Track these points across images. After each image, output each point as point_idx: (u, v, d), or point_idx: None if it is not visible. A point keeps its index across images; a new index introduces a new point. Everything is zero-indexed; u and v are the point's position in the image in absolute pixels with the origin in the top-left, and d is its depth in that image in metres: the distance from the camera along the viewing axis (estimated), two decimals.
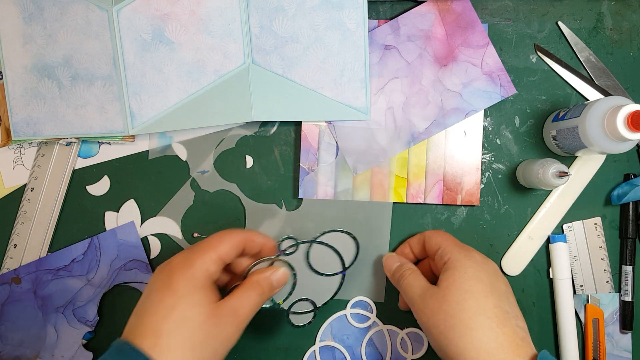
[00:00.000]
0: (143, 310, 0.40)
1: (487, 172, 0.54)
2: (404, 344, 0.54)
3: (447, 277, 0.44)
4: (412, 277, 0.47)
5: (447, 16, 0.53)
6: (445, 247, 0.47)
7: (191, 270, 0.40)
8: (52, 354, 0.53)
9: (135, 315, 0.40)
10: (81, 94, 0.52)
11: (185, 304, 0.38)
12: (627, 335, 0.54)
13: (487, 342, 0.41)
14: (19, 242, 0.54)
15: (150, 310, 0.39)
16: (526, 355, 0.40)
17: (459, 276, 0.44)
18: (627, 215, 0.54)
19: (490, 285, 0.44)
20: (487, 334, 0.41)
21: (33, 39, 0.51)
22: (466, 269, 0.44)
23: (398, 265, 0.49)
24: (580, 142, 0.47)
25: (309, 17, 0.51)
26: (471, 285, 0.43)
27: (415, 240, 0.51)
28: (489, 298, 0.43)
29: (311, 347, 0.54)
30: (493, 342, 0.41)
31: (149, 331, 0.38)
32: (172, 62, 0.51)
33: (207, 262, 0.41)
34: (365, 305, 0.54)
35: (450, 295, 0.43)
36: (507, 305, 0.43)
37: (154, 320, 0.38)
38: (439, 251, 0.47)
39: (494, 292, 0.43)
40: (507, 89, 0.53)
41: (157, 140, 0.55)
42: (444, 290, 0.44)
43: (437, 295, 0.44)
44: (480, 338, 0.41)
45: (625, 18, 0.54)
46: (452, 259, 0.45)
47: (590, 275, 0.54)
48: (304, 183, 0.53)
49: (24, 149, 0.54)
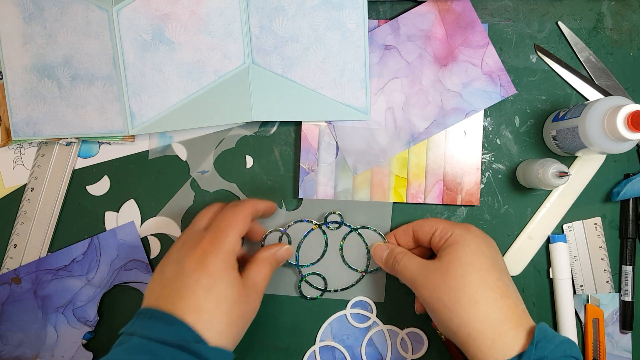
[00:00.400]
0: (178, 286, 0.42)
1: (487, 172, 0.54)
2: (404, 344, 0.54)
3: (449, 252, 0.45)
4: (406, 258, 0.48)
5: (447, 16, 0.53)
6: (443, 227, 0.47)
7: (222, 253, 0.43)
8: (52, 354, 0.53)
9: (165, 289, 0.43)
10: (81, 94, 0.52)
11: (222, 285, 0.42)
12: (627, 335, 0.54)
13: (491, 313, 0.41)
14: (19, 242, 0.54)
15: (188, 288, 0.42)
16: (527, 326, 0.41)
17: (461, 250, 0.44)
18: (627, 215, 0.54)
19: (492, 259, 0.44)
20: (491, 305, 0.42)
21: (33, 39, 0.51)
22: (469, 243, 0.45)
23: (388, 252, 0.50)
24: (580, 142, 0.47)
25: (309, 17, 0.51)
26: (474, 258, 0.44)
27: (400, 232, 0.51)
28: (491, 271, 0.43)
29: (311, 347, 0.54)
30: (497, 314, 0.41)
31: (191, 307, 0.41)
32: (172, 62, 0.51)
33: (232, 241, 0.44)
34: (365, 305, 0.54)
35: (453, 268, 0.44)
36: (507, 279, 0.44)
37: (193, 298, 0.41)
38: (436, 233, 0.47)
39: (496, 265, 0.44)
40: (507, 89, 0.53)
41: (157, 140, 0.55)
42: (446, 264, 0.44)
43: (440, 269, 0.44)
44: (485, 310, 0.41)
45: (625, 18, 0.54)
46: (454, 234, 0.46)
47: (590, 275, 0.54)
48: (304, 183, 0.53)
49: (24, 149, 0.54)
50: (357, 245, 0.54)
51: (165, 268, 0.44)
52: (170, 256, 0.45)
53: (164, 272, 0.44)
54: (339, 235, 0.54)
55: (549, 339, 0.40)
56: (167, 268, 0.44)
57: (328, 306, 0.54)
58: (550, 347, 0.40)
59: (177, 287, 0.42)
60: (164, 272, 0.44)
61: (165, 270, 0.44)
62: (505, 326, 0.41)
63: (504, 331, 0.41)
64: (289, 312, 0.54)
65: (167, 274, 0.44)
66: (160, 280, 0.44)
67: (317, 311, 0.54)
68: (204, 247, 0.43)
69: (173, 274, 0.43)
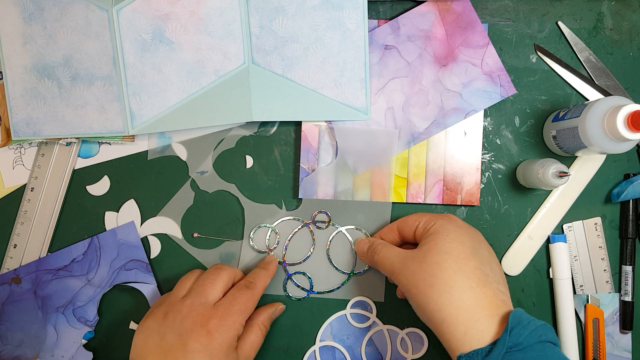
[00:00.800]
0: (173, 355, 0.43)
1: (487, 172, 0.54)
2: (404, 343, 0.54)
3: (428, 241, 0.45)
4: (385, 249, 0.48)
5: (447, 16, 0.53)
6: (427, 219, 0.48)
7: (229, 338, 0.44)
8: (52, 354, 0.53)
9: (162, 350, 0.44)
10: (81, 94, 0.52)
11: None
12: (627, 335, 0.54)
13: (466, 299, 0.41)
14: (19, 242, 0.54)
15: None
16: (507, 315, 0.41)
17: (440, 239, 0.45)
18: (627, 215, 0.54)
19: (472, 248, 0.44)
20: (466, 292, 0.41)
21: (33, 39, 0.51)
22: (449, 232, 0.45)
23: (369, 245, 0.50)
24: (580, 142, 0.47)
25: (309, 17, 0.51)
26: (452, 247, 0.44)
27: (386, 230, 0.52)
28: (469, 260, 0.43)
29: (311, 347, 0.54)
30: (472, 300, 0.41)
31: None
32: (172, 62, 0.51)
33: (240, 327, 0.46)
34: (365, 305, 0.54)
35: (430, 256, 0.44)
36: (488, 269, 0.44)
37: None
38: (419, 226, 0.48)
39: (475, 255, 0.44)
40: (507, 89, 0.53)
41: (156, 140, 0.55)
42: (424, 252, 0.44)
43: (418, 257, 0.45)
44: (460, 296, 0.41)
45: (625, 18, 0.54)
46: (436, 224, 0.46)
47: (590, 275, 0.54)
48: (304, 183, 0.53)
49: (24, 149, 0.54)
50: (343, 247, 0.54)
51: (165, 335, 0.44)
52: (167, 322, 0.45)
53: (165, 339, 0.44)
54: (326, 236, 0.54)
55: (524, 325, 0.40)
56: (167, 335, 0.44)
57: (328, 306, 0.54)
58: (525, 334, 0.39)
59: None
60: (164, 338, 0.44)
61: (165, 337, 0.44)
62: (480, 314, 0.41)
63: (478, 318, 0.40)
64: (289, 312, 0.54)
65: (168, 342, 0.44)
66: (160, 347, 0.44)
67: (317, 311, 0.54)
68: (210, 329, 0.44)
69: (174, 346, 0.43)
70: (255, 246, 0.54)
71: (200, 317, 0.45)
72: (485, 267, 0.44)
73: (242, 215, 0.54)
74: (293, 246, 0.54)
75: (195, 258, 0.54)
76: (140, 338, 0.45)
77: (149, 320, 0.46)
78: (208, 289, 0.47)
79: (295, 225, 0.54)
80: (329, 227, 0.54)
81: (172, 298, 0.47)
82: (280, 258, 0.54)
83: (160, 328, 0.45)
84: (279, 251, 0.54)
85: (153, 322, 0.46)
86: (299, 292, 0.54)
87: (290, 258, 0.54)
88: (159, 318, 0.45)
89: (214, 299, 0.47)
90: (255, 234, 0.54)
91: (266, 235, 0.54)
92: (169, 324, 0.45)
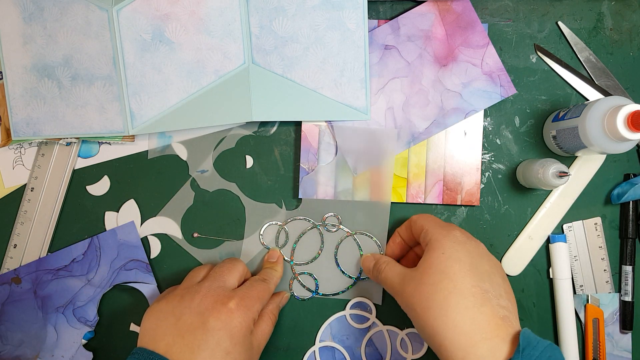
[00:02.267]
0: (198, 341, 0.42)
1: (487, 172, 0.54)
2: (404, 344, 0.54)
3: (425, 259, 0.44)
4: (389, 267, 0.47)
5: (447, 16, 0.53)
6: (427, 229, 0.46)
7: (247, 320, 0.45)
8: (52, 354, 0.53)
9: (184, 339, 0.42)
10: (81, 94, 0.52)
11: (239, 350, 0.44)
12: (627, 335, 0.54)
13: (462, 322, 0.40)
14: (19, 242, 0.54)
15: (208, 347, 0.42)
16: (507, 335, 0.39)
17: (436, 257, 0.43)
18: (627, 215, 0.54)
19: (470, 265, 0.42)
20: (462, 314, 0.40)
21: (33, 39, 0.51)
22: (444, 249, 0.43)
23: (374, 263, 0.50)
24: (580, 142, 0.47)
25: (309, 17, 0.51)
26: (448, 265, 0.42)
27: (403, 228, 0.52)
28: (466, 278, 0.41)
29: (311, 347, 0.54)
30: (469, 323, 0.40)
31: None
32: (172, 62, 0.51)
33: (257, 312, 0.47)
34: (364, 306, 0.54)
35: (427, 276, 0.43)
36: (488, 285, 0.42)
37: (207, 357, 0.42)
38: (422, 233, 0.47)
39: (474, 271, 0.42)
40: (507, 89, 0.53)
41: (156, 140, 0.55)
42: (421, 272, 0.43)
43: (415, 277, 0.44)
44: (455, 318, 0.40)
45: (625, 18, 0.54)
46: (433, 240, 0.45)
47: (590, 275, 0.54)
48: (304, 183, 0.53)
49: (24, 149, 0.54)
50: (351, 251, 0.54)
51: (183, 315, 0.43)
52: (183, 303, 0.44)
53: (182, 319, 0.43)
54: (335, 239, 0.54)
55: (533, 345, 0.38)
56: (184, 315, 0.43)
57: (328, 307, 0.54)
58: (535, 354, 0.38)
59: (197, 342, 0.42)
60: (180, 318, 0.43)
61: (182, 317, 0.43)
62: (478, 337, 0.39)
63: (476, 342, 0.39)
64: (289, 312, 0.54)
65: (186, 322, 0.43)
66: (176, 327, 0.43)
67: (317, 311, 0.54)
68: (231, 308, 0.44)
69: (192, 325, 0.43)
70: (265, 243, 0.54)
71: (221, 297, 0.45)
72: (485, 282, 0.42)
73: (243, 214, 0.54)
74: (301, 246, 0.54)
75: (195, 258, 0.54)
76: (151, 321, 0.44)
77: (161, 304, 0.45)
78: (226, 275, 0.47)
79: (305, 225, 0.54)
80: (339, 230, 0.54)
81: (186, 284, 0.47)
82: (288, 257, 0.54)
83: (175, 309, 0.44)
84: (287, 250, 0.54)
85: (167, 304, 0.45)
86: (304, 292, 0.54)
87: (298, 258, 0.54)
88: (174, 301, 0.45)
89: (231, 285, 0.47)
90: (265, 230, 0.54)
91: (276, 233, 0.54)
92: (186, 305, 0.44)
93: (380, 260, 0.49)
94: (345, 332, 0.54)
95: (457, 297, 0.41)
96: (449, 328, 0.40)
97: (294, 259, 0.54)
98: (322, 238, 0.54)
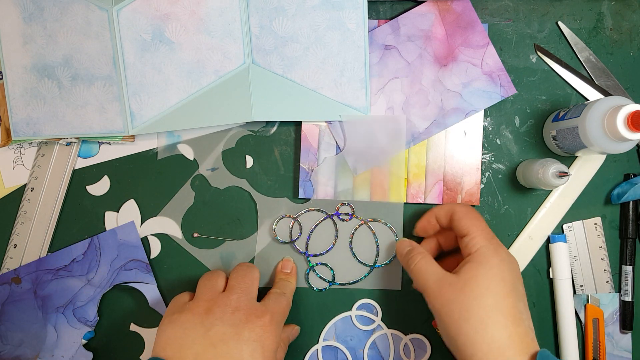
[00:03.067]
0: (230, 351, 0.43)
1: (487, 172, 0.54)
2: (407, 349, 0.54)
3: (469, 269, 0.44)
4: (424, 261, 0.47)
5: (447, 16, 0.53)
6: (474, 237, 0.46)
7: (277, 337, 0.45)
8: (52, 354, 0.53)
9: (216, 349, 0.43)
10: (81, 94, 0.52)
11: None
12: (627, 335, 0.54)
13: (499, 339, 0.41)
14: (19, 242, 0.54)
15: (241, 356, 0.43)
16: (532, 352, 0.41)
17: (483, 272, 0.44)
18: (627, 215, 0.54)
19: (512, 285, 0.44)
20: (500, 330, 0.41)
21: (33, 39, 0.51)
22: (492, 266, 0.44)
23: (409, 249, 0.49)
24: (580, 142, 0.47)
25: (309, 17, 0.51)
26: (493, 283, 0.43)
27: (442, 213, 0.50)
28: (508, 298, 0.43)
29: (314, 345, 0.54)
30: (506, 340, 0.41)
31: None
32: (172, 62, 0.51)
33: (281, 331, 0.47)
34: (371, 307, 0.54)
35: (469, 288, 0.43)
36: (522, 306, 0.44)
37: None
38: (466, 238, 0.46)
39: (515, 292, 0.44)
40: (507, 89, 0.53)
41: (165, 140, 0.55)
42: (464, 281, 0.44)
43: (456, 285, 0.44)
44: (493, 334, 0.41)
45: (625, 18, 0.54)
46: (479, 253, 0.45)
47: (590, 275, 0.54)
48: (304, 183, 0.53)
49: (24, 149, 0.54)
50: (367, 239, 0.54)
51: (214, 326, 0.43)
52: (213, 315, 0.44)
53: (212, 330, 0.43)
54: (349, 228, 0.54)
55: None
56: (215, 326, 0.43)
57: (334, 306, 0.54)
58: None
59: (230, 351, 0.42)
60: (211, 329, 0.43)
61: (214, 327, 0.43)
62: (511, 352, 0.41)
63: (508, 357, 0.41)
64: (294, 309, 0.54)
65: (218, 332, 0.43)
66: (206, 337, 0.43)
67: (322, 310, 0.54)
68: (265, 323, 0.44)
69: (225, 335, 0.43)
70: (279, 236, 0.54)
71: (254, 310, 0.45)
72: (520, 303, 0.44)
73: (247, 212, 0.54)
74: (316, 237, 0.54)
75: (196, 258, 0.54)
76: (176, 331, 0.44)
77: (186, 315, 0.45)
78: (250, 287, 0.47)
79: (318, 216, 0.54)
80: (353, 219, 0.54)
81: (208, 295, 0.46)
82: (304, 249, 0.54)
83: (205, 321, 0.44)
84: (302, 242, 0.54)
85: (193, 316, 0.44)
86: (321, 283, 0.54)
87: (312, 249, 0.54)
88: (200, 313, 0.44)
89: (255, 296, 0.47)
90: (278, 224, 0.54)
91: (290, 226, 0.54)
92: (218, 317, 0.44)
93: (416, 249, 0.49)
94: (349, 332, 0.54)
95: (498, 315, 0.42)
96: (485, 342, 0.41)
97: (309, 251, 0.54)
98: (336, 227, 0.54)
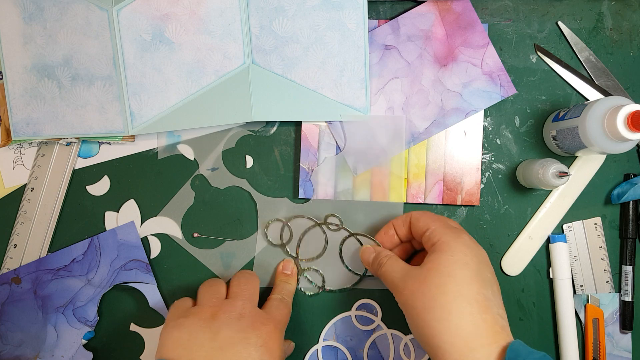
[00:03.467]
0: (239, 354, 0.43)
1: (487, 172, 0.54)
2: (407, 349, 0.54)
3: (432, 259, 0.43)
4: (390, 262, 0.47)
5: (447, 16, 0.53)
6: (434, 229, 0.45)
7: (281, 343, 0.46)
8: (52, 354, 0.53)
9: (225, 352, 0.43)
10: (81, 94, 0.52)
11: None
12: (627, 335, 0.54)
13: (464, 327, 0.40)
14: (19, 242, 0.54)
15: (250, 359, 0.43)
16: (504, 343, 0.40)
17: (444, 259, 0.43)
18: (627, 215, 0.54)
19: (477, 271, 0.42)
20: (465, 319, 0.40)
21: (33, 39, 0.51)
22: (454, 252, 0.43)
23: (374, 255, 0.49)
24: (580, 142, 0.47)
25: (309, 17, 0.51)
26: (456, 269, 0.42)
27: (400, 222, 0.50)
28: (472, 284, 0.41)
29: (314, 345, 0.54)
30: (471, 328, 0.40)
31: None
32: (172, 62, 0.51)
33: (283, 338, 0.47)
34: (371, 308, 0.54)
35: (432, 277, 0.42)
36: (490, 293, 0.42)
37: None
38: (427, 233, 0.46)
39: (479, 278, 0.42)
40: (507, 89, 0.53)
41: (165, 140, 0.55)
42: (426, 271, 0.43)
43: (419, 276, 0.43)
44: (458, 323, 0.40)
45: (625, 18, 0.54)
46: (441, 242, 0.44)
47: (590, 275, 0.54)
48: (304, 183, 0.53)
49: (24, 149, 0.54)
50: (356, 248, 0.54)
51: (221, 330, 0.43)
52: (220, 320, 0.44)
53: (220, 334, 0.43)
54: (339, 237, 0.54)
55: (523, 357, 0.38)
56: (223, 331, 0.43)
57: (333, 306, 0.54)
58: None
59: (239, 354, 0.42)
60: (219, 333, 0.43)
61: (221, 332, 0.43)
62: (478, 342, 0.39)
63: (475, 347, 0.39)
64: (294, 309, 0.54)
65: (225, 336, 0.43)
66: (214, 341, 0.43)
67: (322, 310, 0.54)
68: (271, 330, 0.45)
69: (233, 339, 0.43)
70: (270, 239, 0.54)
71: (258, 317, 0.45)
72: (487, 290, 0.42)
73: (248, 211, 0.54)
74: (306, 242, 0.54)
75: (196, 258, 0.54)
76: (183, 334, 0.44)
77: (190, 319, 0.45)
78: (253, 294, 0.48)
79: (308, 223, 0.54)
80: (341, 230, 0.54)
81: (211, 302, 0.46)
82: (294, 252, 0.54)
83: (212, 325, 0.44)
84: (293, 246, 0.54)
85: (199, 320, 0.44)
86: (312, 288, 0.54)
87: (303, 254, 0.54)
88: (206, 318, 0.44)
89: (257, 303, 0.47)
90: (269, 227, 0.54)
91: (280, 229, 0.54)
92: (224, 322, 0.44)
93: (381, 253, 0.48)
94: (349, 332, 0.54)
95: (462, 302, 0.41)
96: (450, 331, 0.40)
97: (300, 255, 0.54)
98: (326, 236, 0.54)
